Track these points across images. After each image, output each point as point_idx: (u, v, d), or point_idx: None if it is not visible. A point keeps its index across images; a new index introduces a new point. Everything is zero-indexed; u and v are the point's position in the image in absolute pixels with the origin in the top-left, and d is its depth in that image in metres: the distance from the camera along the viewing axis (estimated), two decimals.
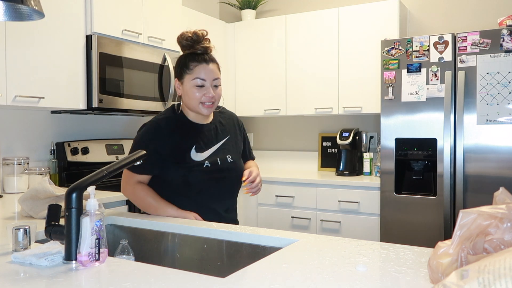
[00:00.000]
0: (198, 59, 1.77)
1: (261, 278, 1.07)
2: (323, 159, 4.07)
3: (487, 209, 0.86)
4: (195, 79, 1.76)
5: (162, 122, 1.82)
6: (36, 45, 2.52)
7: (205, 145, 1.83)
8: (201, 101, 1.77)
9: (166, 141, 1.78)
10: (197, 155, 1.80)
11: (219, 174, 1.83)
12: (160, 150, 1.77)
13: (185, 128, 1.83)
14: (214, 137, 1.87)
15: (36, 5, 1.22)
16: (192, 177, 1.78)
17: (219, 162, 1.83)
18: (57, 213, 1.26)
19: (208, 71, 1.77)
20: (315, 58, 3.76)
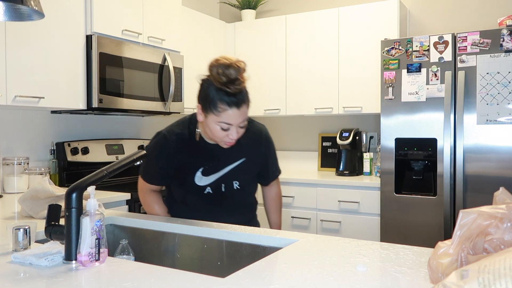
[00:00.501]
0: (228, 102, 1.53)
1: (261, 278, 1.07)
2: (323, 159, 4.07)
3: (487, 209, 0.86)
4: (221, 123, 1.56)
5: (172, 138, 1.70)
6: (36, 45, 2.52)
7: (214, 168, 1.71)
8: (223, 140, 1.61)
9: (171, 160, 1.71)
10: (201, 179, 1.71)
11: (220, 200, 1.74)
12: (165, 167, 1.74)
13: (196, 148, 1.70)
14: (226, 159, 1.72)
15: (36, 5, 1.22)
16: (190, 199, 1.76)
17: (223, 189, 1.73)
18: (57, 213, 1.27)
19: (236, 117, 1.55)
20: (315, 58, 3.76)
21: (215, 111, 1.55)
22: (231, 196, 1.76)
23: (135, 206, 2.66)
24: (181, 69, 3.37)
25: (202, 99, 1.59)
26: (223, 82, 1.51)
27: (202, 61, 3.81)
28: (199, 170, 1.71)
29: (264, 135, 1.85)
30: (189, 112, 3.62)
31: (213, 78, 1.54)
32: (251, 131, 1.77)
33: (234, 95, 1.53)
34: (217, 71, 1.52)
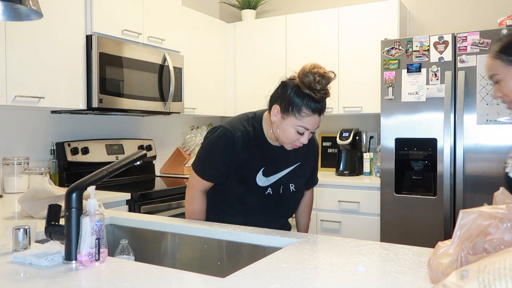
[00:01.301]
0: (313, 108, 1.59)
1: (261, 278, 1.07)
2: (323, 159, 4.07)
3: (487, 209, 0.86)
4: (300, 126, 1.61)
5: (237, 135, 1.69)
6: (36, 45, 2.52)
7: (273, 169, 1.73)
8: (293, 143, 1.66)
9: (235, 157, 1.69)
10: (262, 179, 1.72)
11: (277, 201, 1.77)
12: (229, 163, 1.70)
13: (259, 147, 1.72)
14: (284, 162, 1.76)
15: (34, 5, 1.22)
16: (250, 199, 1.74)
17: (281, 191, 1.76)
18: (57, 213, 1.27)
19: (315, 123, 1.63)
20: (315, 58, 3.75)
21: (298, 115, 1.60)
22: (287, 198, 1.79)
23: (135, 206, 2.66)
24: (181, 69, 3.37)
25: (283, 101, 1.63)
26: (313, 88, 1.57)
27: (202, 61, 3.84)
28: (261, 170, 1.72)
29: (315, 141, 1.91)
30: (189, 112, 3.63)
31: (303, 84, 1.58)
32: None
33: (319, 102, 1.61)
34: (313, 78, 1.57)
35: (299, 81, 1.59)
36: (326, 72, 1.58)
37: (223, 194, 1.78)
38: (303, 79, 1.58)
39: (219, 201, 1.79)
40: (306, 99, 1.59)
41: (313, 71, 1.58)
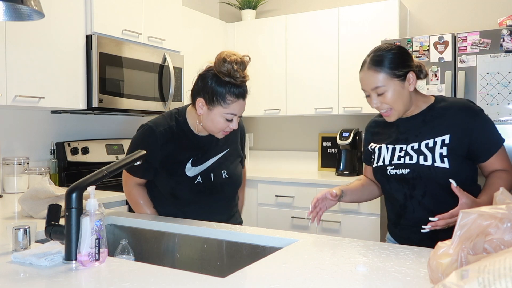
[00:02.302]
0: (236, 94, 1.64)
1: (261, 278, 1.07)
2: (323, 159, 4.07)
3: (487, 209, 0.86)
4: (228, 114, 1.66)
5: (158, 130, 1.73)
6: (36, 45, 2.52)
7: (202, 159, 1.76)
8: (223, 130, 1.70)
9: (157, 152, 1.72)
10: (191, 169, 1.74)
11: (211, 190, 1.78)
12: (150, 159, 1.69)
13: (184, 139, 1.76)
14: (213, 150, 1.80)
15: (36, 5, 1.22)
16: (180, 191, 1.75)
17: (213, 178, 1.77)
18: (57, 213, 1.27)
19: (242, 107, 1.68)
20: (315, 58, 3.76)
21: (223, 104, 1.64)
22: (221, 185, 1.79)
23: None
24: (181, 69, 3.37)
25: (206, 93, 1.66)
26: (229, 74, 1.61)
27: (202, 61, 3.81)
28: (189, 161, 1.75)
29: (242, 126, 1.96)
30: None
31: (221, 73, 1.62)
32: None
33: (241, 87, 1.65)
34: (231, 67, 1.60)
35: (217, 71, 1.63)
36: (241, 57, 1.63)
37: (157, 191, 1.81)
38: (220, 69, 1.62)
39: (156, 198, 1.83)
40: (227, 86, 1.63)
41: (230, 59, 1.61)
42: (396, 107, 1.55)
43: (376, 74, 1.54)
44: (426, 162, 1.53)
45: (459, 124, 1.53)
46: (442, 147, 1.52)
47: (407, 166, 1.56)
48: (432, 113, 1.59)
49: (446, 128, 1.54)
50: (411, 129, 1.60)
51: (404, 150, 1.59)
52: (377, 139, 1.72)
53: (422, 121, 1.59)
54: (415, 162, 1.55)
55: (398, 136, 1.63)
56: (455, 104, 1.58)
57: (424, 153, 1.54)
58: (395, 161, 1.60)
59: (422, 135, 1.57)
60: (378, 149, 1.67)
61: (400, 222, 1.64)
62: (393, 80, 1.53)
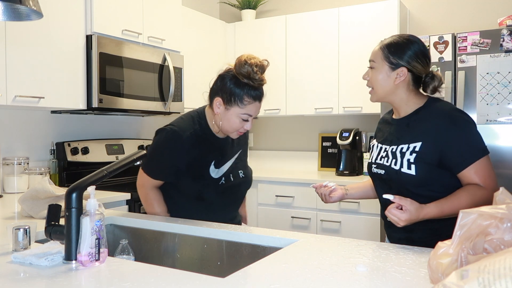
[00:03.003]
0: (254, 96, 1.70)
1: (261, 278, 1.07)
2: (323, 159, 4.07)
3: (487, 209, 0.86)
4: (244, 114, 1.70)
5: (184, 134, 1.73)
6: (36, 45, 2.52)
7: (222, 160, 1.82)
8: (238, 131, 1.75)
9: (184, 156, 1.73)
10: (214, 171, 1.79)
11: (231, 190, 1.84)
12: (178, 163, 1.74)
13: (207, 143, 1.78)
14: (230, 151, 1.85)
15: (35, 5, 1.22)
16: (207, 193, 1.78)
17: (232, 179, 1.83)
18: (57, 213, 1.27)
19: (257, 109, 1.74)
20: (315, 58, 3.76)
21: (240, 104, 1.70)
22: (238, 185, 1.86)
23: (135, 206, 2.66)
24: (181, 69, 3.37)
25: (225, 93, 1.72)
26: (249, 76, 1.67)
27: (202, 61, 3.84)
28: (212, 162, 1.79)
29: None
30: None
31: (241, 75, 1.68)
32: None
33: (258, 89, 1.72)
34: (251, 69, 1.67)
35: (237, 73, 1.69)
36: (261, 61, 1.71)
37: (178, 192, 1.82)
38: (240, 71, 1.68)
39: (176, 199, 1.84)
40: (246, 88, 1.69)
41: (250, 62, 1.68)
42: (376, 88, 1.61)
43: (378, 49, 1.61)
44: (395, 166, 1.56)
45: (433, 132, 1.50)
46: (412, 154, 1.52)
47: (383, 167, 1.61)
48: (415, 117, 1.58)
49: (420, 135, 1.53)
50: (397, 131, 1.63)
51: (386, 151, 1.63)
52: (377, 136, 1.77)
53: (407, 125, 1.60)
54: (388, 164, 1.59)
55: (388, 136, 1.67)
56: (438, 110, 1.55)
57: (396, 157, 1.57)
58: (378, 161, 1.65)
59: (402, 139, 1.59)
60: (372, 146, 1.74)
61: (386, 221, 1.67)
62: (384, 63, 1.58)
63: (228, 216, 1.86)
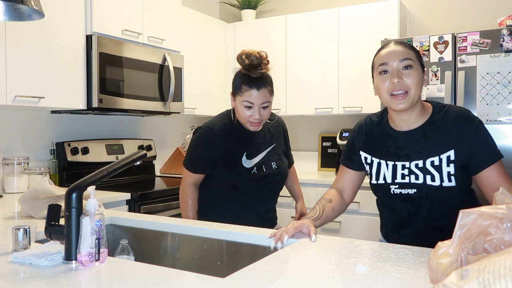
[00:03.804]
0: (250, 84, 1.82)
1: (261, 278, 1.07)
2: (323, 159, 4.07)
3: (487, 209, 0.86)
4: (243, 101, 1.83)
5: (215, 127, 1.92)
6: (36, 45, 2.52)
7: (254, 152, 1.95)
8: (248, 120, 1.86)
9: (217, 147, 1.90)
10: (246, 162, 1.92)
11: (264, 180, 1.95)
12: (212, 154, 1.91)
13: (238, 135, 1.93)
14: (262, 144, 1.98)
15: (36, 5, 1.22)
16: (241, 181, 1.91)
17: (265, 169, 1.95)
18: (57, 213, 1.27)
19: (256, 97, 1.82)
20: (315, 58, 3.76)
21: (240, 92, 1.85)
22: (272, 175, 1.97)
23: (135, 206, 2.66)
24: (181, 69, 3.37)
25: (233, 87, 1.90)
26: (247, 67, 1.82)
27: (202, 61, 3.84)
28: (244, 154, 1.93)
29: (284, 124, 2.17)
30: (189, 112, 3.63)
31: (243, 68, 1.84)
32: (276, 122, 2.10)
33: (255, 79, 1.82)
34: (241, 57, 1.83)
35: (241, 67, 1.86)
36: (258, 52, 1.84)
37: (218, 184, 1.96)
38: (241, 64, 1.84)
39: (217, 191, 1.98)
40: (244, 77, 1.84)
41: (241, 52, 1.84)
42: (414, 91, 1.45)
43: (406, 49, 1.48)
44: (434, 182, 1.45)
45: (461, 136, 1.45)
46: (449, 165, 1.44)
47: (414, 186, 1.48)
48: (432, 127, 1.50)
49: (449, 143, 1.45)
50: (412, 144, 1.51)
51: (407, 168, 1.50)
52: (372, 151, 1.61)
53: (423, 136, 1.50)
54: (421, 182, 1.46)
55: (398, 151, 1.53)
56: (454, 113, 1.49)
57: (431, 173, 1.46)
58: (399, 180, 1.51)
59: (425, 152, 1.48)
60: (377, 165, 1.58)
61: (400, 231, 1.59)
62: (417, 64, 1.48)
63: (263, 207, 2.01)
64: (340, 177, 1.73)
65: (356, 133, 1.68)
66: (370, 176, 1.62)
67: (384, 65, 1.50)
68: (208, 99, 3.89)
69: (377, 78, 1.55)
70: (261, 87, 1.83)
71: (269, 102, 1.87)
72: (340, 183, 1.72)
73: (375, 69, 1.57)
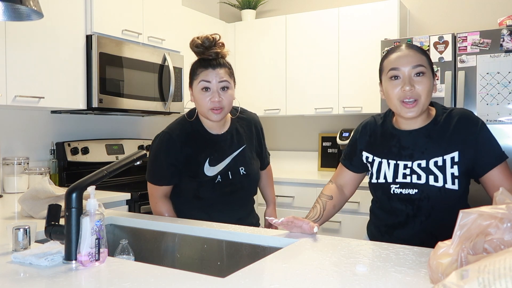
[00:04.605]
0: (204, 65, 1.73)
1: (261, 278, 1.07)
2: (323, 159, 4.07)
3: (487, 209, 0.86)
4: (200, 82, 1.71)
5: (174, 133, 1.78)
6: (36, 45, 2.52)
7: (218, 158, 1.79)
8: (209, 107, 1.71)
9: (179, 153, 1.77)
10: (209, 169, 1.77)
11: (231, 188, 1.80)
12: (175, 163, 1.77)
13: (199, 140, 1.79)
14: (228, 148, 1.82)
15: (35, 5, 1.22)
16: (203, 192, 1.78)
17: (231, 176, 1.79)
18: (57, 213, 1.26)
19: (212, 74, 1.71)
20: (315, 58, 3.76)
21: (195, 76, 1.74)
22: (240, 182, 1.81)
23: (135, 206, 2.66)
24: (181, 69, 3.37)
25: (189, 80, 1.78)
26: (201, 51, 1.73)
27: None
28: (207, 160, 1.77)
29: (257, 121, 1.96)
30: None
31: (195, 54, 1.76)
32: (246, 118, 1.92)
33: (210, 59, 1.73)
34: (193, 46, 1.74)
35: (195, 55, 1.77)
36: (208, 35, 1.75)
37: (180, 195, 1.84)
38: (194, 47, 1.75)
39: (181, 203, 1.85)
40: (198, 62, 1.76)
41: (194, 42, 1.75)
42: (424, 99, 1.43)
43: (419, 54, 1.45)
44: (437, 183, 1.43)
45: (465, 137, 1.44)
46: (453, 166, 1.42)
47: (415, 186, 1.46)
48: (436, 127, 1.49)
49: (453, 144, 1.44)
50: (416, 144, 1.49)
51: (409, 168, 1.48)
52: (375, 151, 1.60)
53: (427, 136, 1.49)
54: (424, 182, 1.44)
55: (401, 151, 1.51)
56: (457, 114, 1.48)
57: (434, 173, 1.44)
58: (400, 179, 1.49)
59: (429, 152, 1.46)
60: (378, 164, 1.56)
61: (393, 233, 1.55)
62: (429, 71, 1.45)
63: (235, 216, 1.81)
64: (340, 173, 1.73)
65: (359, 134, 1.67)
66: (370, 175, 1.61)
67: (395, 69, 1.47)
68: None
69: (386, 82, 1.51)
70: (216, 67, 1.72)
71: (228, 82, 1.73)
72: (341, 179, 1.72)
73: (385, 73, 1.53)
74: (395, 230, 1.55)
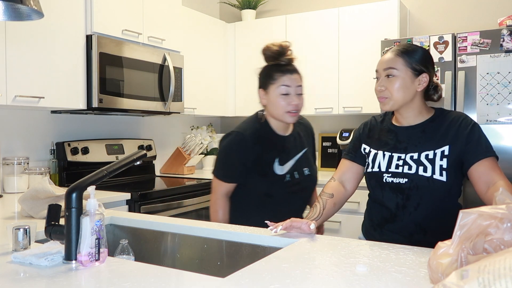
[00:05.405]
0: (282, 70, 1.82)
1: (261, 278, 1.07)
2: (323, 159, 4.07)
3: (487, 209, 0.86)
4: (280, 86, 1.81)
5: (247, 132, 1.86)
6: (36, 45, 2.52)
7: (286, 158, 1.88)
8: (286, 110, 1.82)
9: (250, 153, 1.84)
10: (278, 168, 1.86)
11: (297, 187, 1.89)
12: (245, 161, 1.84)
13: (268, 140, 1.88)
14: (293, 149, 1.92)
15: (35, 5, 1.22)
16: (275, 190, 1.85)
17: (297, 176, 1.89)
18: (57, 213, 1.27)
19: (292, 80, 1.82)
20: (315, 58, 3.76)
21: (273, 81, 1.83)
22: (304, 181, 1.92)
23: (135, 206, 2.66)
24: (181, 69, 3.37)
25: (262, 83, 1.89)
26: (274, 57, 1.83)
27: (202, 61, 3.84)
28: (276, 159, 1.86)
29: (311, 127, 2.12)
30: (189, 112, 3.63)
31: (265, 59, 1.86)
32: (304, 123, 2.06)
33: (285, 64, 1.84)
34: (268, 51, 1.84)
35: (265, 60, 1.87)
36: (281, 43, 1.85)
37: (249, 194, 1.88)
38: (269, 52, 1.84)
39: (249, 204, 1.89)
40: (274, 67, 1.85)
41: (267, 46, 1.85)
42: (396, 96, 1.56)
43: (395, 57, 1.59)
44: (426, 173, 1.52)
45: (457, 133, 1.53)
46: (442, 159, 1.52)
47: (406, 176, 1.55)
48: (431, 125, 1.59)
49: (445, 139, 1.54)
50: (411, 138, 1.60)
51: (402, 159, 1.57)
52: (372, 144, 1.70)
53: (422, 131, 1.59)
54: (414, 172, 1.54)
55: (397, 144, 1.62)
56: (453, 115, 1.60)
57: (423, 164, 1.53)
58: (393, 169, 1.58)
59: (421, 145, 1.56)
60: (374, 154, 1.65)
61: (384, 226, 1.62)
62: (407, 70, 1.56)
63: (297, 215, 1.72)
64: (343, 168, 1.78)
65: (361, 130, 1.80)
66: (367, 165, 1.69)
67: (376, 72, 1.66)
68: (208, 99, 3.89)
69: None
70: (294, 72, 1.83)
71: (302, 87, 1.86)
72: (343, 175, 1.76)
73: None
74: (386, 223, 1.62)
